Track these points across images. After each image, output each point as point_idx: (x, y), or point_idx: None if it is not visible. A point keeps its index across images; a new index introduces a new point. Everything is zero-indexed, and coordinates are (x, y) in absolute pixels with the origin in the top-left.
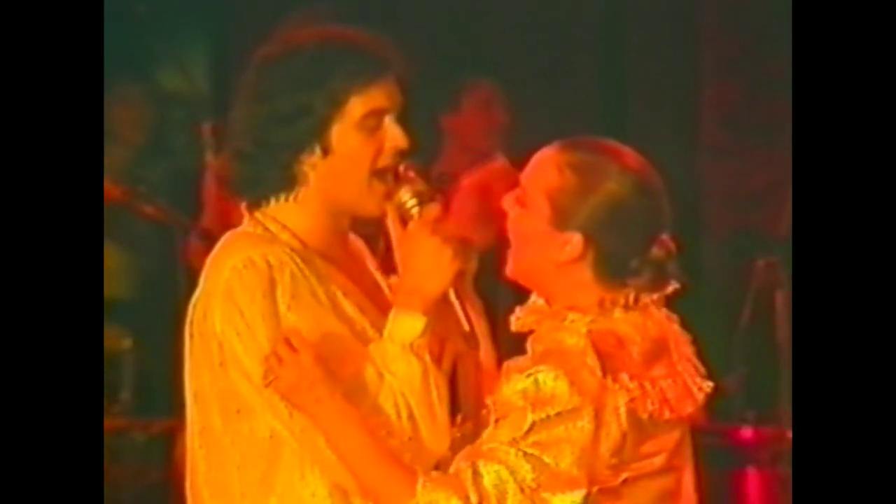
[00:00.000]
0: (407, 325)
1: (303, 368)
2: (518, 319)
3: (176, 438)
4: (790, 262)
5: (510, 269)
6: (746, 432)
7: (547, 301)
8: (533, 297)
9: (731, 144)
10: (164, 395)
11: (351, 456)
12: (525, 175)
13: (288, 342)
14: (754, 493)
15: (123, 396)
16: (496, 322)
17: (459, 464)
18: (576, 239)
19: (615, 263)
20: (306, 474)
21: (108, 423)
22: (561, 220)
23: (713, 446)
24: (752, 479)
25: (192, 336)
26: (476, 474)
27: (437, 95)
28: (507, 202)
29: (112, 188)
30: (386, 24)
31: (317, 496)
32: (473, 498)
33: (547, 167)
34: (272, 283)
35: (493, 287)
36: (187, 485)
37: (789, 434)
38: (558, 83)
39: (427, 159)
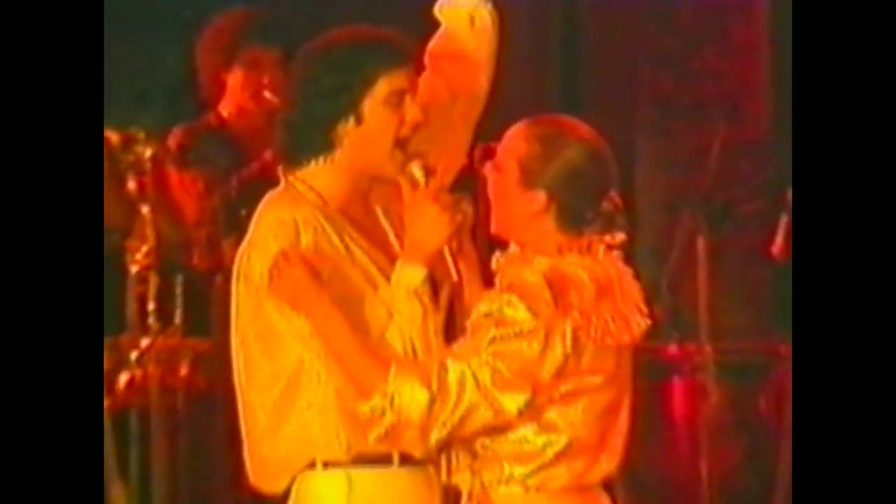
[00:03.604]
0: (411, 274)
1: (295, 276)
2: (497, 261)
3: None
4: (710, 216)
5: (493, 226)
6: (672, 349)
7: (521, 248)
8: (511, 247)
9: (662, 122)
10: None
11: (339, 349)
12: (501, 146)
13: (286, 255)
14: (679, 399)
15: (176, 321)
16: (487, 271)
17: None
18: (541, 195)
19: (573, 215)
20: (327, 390)
21: (164, 342)
22: (529, 180)
23: (646, 362)
24: (678, 387)
25: (237, 277)
26: (443, 369)
27: None
28: (487, 169)
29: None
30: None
31: (328, 397)
32: (434, 385)
33: (517, 139)
34: (298, 237)
35: (489, 245)
36: (238, 396)
37: (708, 349)
38: (531, 74)
39: None
